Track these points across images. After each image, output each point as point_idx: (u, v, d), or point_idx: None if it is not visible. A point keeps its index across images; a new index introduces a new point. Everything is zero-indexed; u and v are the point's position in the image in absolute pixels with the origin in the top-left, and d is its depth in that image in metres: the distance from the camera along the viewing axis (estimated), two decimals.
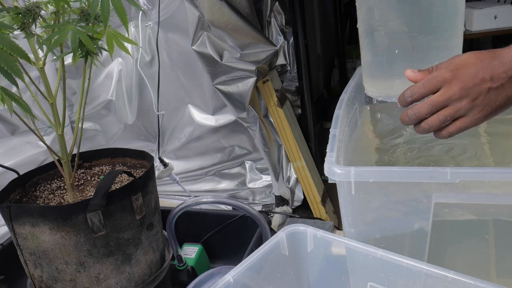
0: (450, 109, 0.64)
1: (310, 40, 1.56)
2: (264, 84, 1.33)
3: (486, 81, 0.62)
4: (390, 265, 0.62)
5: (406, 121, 0.68)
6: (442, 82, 0.64)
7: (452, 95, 0.63)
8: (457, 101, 0.63)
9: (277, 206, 1.48)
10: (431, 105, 0.65)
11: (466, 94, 0.63)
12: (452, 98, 0.63)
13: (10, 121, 1.45)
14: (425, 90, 0.66)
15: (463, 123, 0.65)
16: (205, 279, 0.98)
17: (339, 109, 0.90)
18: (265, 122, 1.39)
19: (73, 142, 0.92)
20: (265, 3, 1.40)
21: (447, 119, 0.65)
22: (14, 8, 0.75)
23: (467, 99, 0.63)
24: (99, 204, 0.82)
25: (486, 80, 0.62)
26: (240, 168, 1.60)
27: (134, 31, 1.48)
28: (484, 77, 0.62)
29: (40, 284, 0.89)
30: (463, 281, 0.56)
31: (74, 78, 1.55)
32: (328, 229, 1.21)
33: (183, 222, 1.05)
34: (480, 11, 1.77)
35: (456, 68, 0.64)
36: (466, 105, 0.63)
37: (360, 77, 1.11)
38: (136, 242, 0.91)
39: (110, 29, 0.81)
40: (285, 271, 0.71)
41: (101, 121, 1.65)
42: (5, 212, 0.84)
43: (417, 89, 0.66)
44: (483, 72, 0.62)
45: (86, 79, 0.85)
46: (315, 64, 1.99)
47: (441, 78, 0.64)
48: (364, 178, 0.71)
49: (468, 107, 0.63)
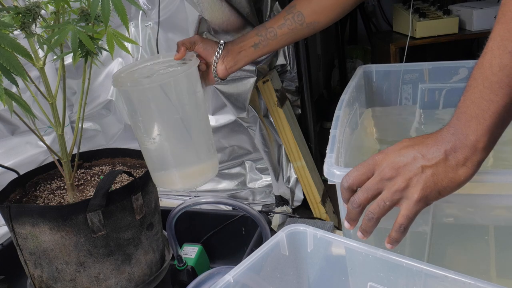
0: (386, 192, 0.60)
1: (310, 40, 1.56)
2: (264, 84, 1.33)
3: (417, 159, 0.59)
4: (390, 265, 0.62)
5: (353, 213, 0.64)
6: (373, 165, 0.62)
7: (383, 175, 0.60)
8: (390, 182, 0.60)
9: (277, 206, 1.48)
10: (365, 188, 0.62)
11: (397, 173, 0.59)
12: (384, 179, 0.60)
13: (10, 121, 1.45)
14: (359, 173, 0.63)
15: (407, 209, 0.60)
16: (205, 279, 0.98)
17: (339, 109, 0.90)
18: (265, 122, 1.39)
19: (73, 142, 0.92)
20: (265, 3, 1.40)
21: (386, 204, 0.61)
22: (14, 7, 0.75)
23: (400, 179, 0.59)
24: (99, 204, 0.82)
25: (418, 158, 0.59)
26: (240, 168, 1.60)
27: (134, 31, 1.48)
28: (415, 155, 0.59)
29: (40, 284, 0.89)
30: (463, 281, 0.56)
31: (74, 78, 1.55)
32: (328, 229, 1.21)
33: (183, 222, 1.05)
34: (480, 11, 1.77)
35: (387, 150, 0.62)
36: (401, 185, 0.59)
37: (360, 77, 1.11)
38: (136, 242, 0.91)
39: (110, 29, 0.81)
40: (285, 271, 0.71)
41: (101, 121, 1.65)
42: (5, 212, 0.84)
43: (351, 173, 0.63)
44: (414, 150, 0.59)
45: (86, 79, 0.85)
46: (315, 64, 1.99)
47: (372, 161, 0.62)
48: None
49: (403, 186, 0.59)
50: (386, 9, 2.44)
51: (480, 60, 0.58)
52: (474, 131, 0.57)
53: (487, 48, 0.57)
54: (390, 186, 0.60)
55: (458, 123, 0.59)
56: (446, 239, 0.79)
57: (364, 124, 1.11)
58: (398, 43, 1.87)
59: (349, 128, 0.96)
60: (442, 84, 1.09)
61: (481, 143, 0.58)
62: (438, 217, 0.75)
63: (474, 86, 0.58)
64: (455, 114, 0.60)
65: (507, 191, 0.69)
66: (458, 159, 0.58)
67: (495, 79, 0.55)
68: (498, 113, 0.56)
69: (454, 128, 0.59)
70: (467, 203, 0.74)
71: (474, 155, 0.58)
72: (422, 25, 1.80)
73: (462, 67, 1.07)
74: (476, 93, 0.57)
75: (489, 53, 0.57)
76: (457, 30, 1.82)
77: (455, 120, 0.59)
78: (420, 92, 1.12)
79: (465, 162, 0.58)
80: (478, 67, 0.58)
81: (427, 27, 1.80)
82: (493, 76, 0.55)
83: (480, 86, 0.57)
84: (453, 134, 0.59)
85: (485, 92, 0.56)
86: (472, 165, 0.58)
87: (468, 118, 0.58)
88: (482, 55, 0.58)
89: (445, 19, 1.82)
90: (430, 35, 1.81)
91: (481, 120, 0.57)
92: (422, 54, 2.01)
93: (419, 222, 0.75)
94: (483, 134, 0.57)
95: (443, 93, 1.10)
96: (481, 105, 0.57)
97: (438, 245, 0.78)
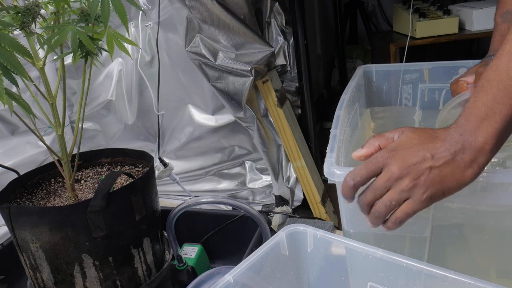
0: (392, 192, 0.59)
1: (310, 40, 1.56)
2: (263, 84, 1.33)
3: (427, 160, 0.58)
4: (390, 265, 0.62)
5: (364, 211, 0.63)
6: (382, 163, 0.61)
7: (391, 175, 0.59)
8: (398, 181, 0.59)
9: (277, 206, 1.48)
10: (372, 188, 0.61)
11: (406, 173, 0.59)
12: (392, 178, 0.59)
13: (10, 121, 1.45)
14: (367, 171, 0.61)
15: (409, 207, 0.59)
16: (205, 279, 0.98)
17: (340, 109, 0.90)
18: (263, 122, 1.39)
19: (73, 142, 0.92)
20: (265, 4, 1.40)
21: (392, 204, 0.60)
22: (13, 7, 0.75)
23: (408, 178, 0.58)
24: (100, 204, 0.82)
25: (428, 159, 0.58)
26: (240, 168, 1.60)
27: (134, 31, 1.48)
28: (425, 155, 0.58)
29: (40, 284, 0.89)
30: (463, 281, 0.56)
31: (74, 78, 1.55)
32: (328, 229, 1.21)
33: (183, 222, 1.05)
34: (480, 11, 1.77)
35: (396, 147, 0.61)
36: (408, 185, 0.58)
37: (360, 77, 1.11)
38: (136, 242, 0.91)
39: (110, 30, 0.81)
40: (285, 271, 0.71)
41: (101, 121, 1.65)
42: (5, 212, 0.84)
43: (358, 171, 0.62)
44: (424, 150, 0.59)
45: (86, 79, 0.85)
46: (315, 64, 1.99)
47: (381, 159, 0.61)
48: None
49: (410, 186, 0.58)
50: (386, 9, 2.44)
51: (495, 62, 0.58)
52: (484, 133, 0.57)
53: (504, 50, 0.57)
54: (397, 185, 0.60)
55: (467, 124, 0.58)
56: (446, 238, 0.79)
57: (364, 124, 1.11)
58: (398, 43, 1.87)
59: (350, 128, 0.96)
60: (442, 84, 1.09)
61: (489, 145, 0.57)
62: (438, 218, 0.75)
63: (488, 88, 0.57)
64: (463, 115, 0.59)
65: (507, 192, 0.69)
66: (466, 160, 0.58)
67: (511, 82, 0.55)
68: (509, 116, 0.56)
69: (462, 128, 0.59)
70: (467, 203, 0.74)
71: (481, 156, 0.58)
72: (422, 25, 1.80)
73: (462, 67, 1.07)
74: (489, 95, 0.57)
75: (506, 56, 0.56)
76: (457, 30, 1.82)
77: (464, 121, 0.59)
78: (420, 92, 1.12)
79: (471, 163, 0.58)
80: (493, 69, 0.58)
81: (427, 27, 1.80)
82: (509, 80, 0.56)
83: (494, 89, 0.57)
84: (462, 135, 0.58)
85: (499, 95, 0.56)
86: (478, 166, 0.58)
87: (478, 120, 0.57)
88: (498, 57, 0.58)
89: (445, 19, 1.82)
90: (430, 35, 1.81)
91: (492, 123, 0.57)
92: (422, 54, 2.01)
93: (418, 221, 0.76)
94: (492, 136, 0.57)
95: (443, 93, 1.10)
96: (494, 107, 0.56)
97: (438, 245, 0.78)
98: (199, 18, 1.23)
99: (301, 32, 1.37)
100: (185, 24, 1.27)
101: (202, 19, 1.23)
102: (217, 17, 1.22)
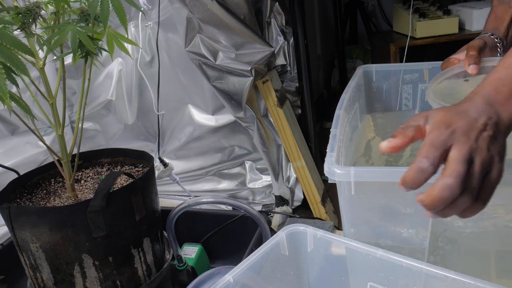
0: (482, 152, 0.53)
1: (310, 40, 1.56)
2: (263, 84, 1.33)
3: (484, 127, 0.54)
4: (390, 265, 0.62)
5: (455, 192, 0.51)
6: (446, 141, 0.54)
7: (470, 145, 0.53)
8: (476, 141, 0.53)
9: (277, 206, 1.48)
10: (459, 161, 0.52)
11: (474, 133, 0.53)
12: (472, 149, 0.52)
13: (10, 121, 1.45)
14: (438, 152, 0.54)
15: (493, 177, 0.54)
16: (205, 279, 0.98)
17: (340, 109, 0.90)
18: (263, 122, 1.39)
19: (73, 142, 0.92)
20: (265, 4, 1.40)
21: (485, 164, 0.53)
22: (14, 8, 0.75)
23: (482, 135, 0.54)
24: (100, 204, 0.82)
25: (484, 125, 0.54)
26: (240, 168, 1.60)
27: (134, 31, 1.48)
28: (483, 121, 0.54)
29: (40, 284, 0.89)
30: (463, 281, 0.56)
31: (74, 78, 1.55)
32: (328, 229, 1.22)
33: (183, 222, 1.05)
34: (480, 11, 1.77)
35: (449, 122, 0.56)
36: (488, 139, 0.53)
37: (360, 77, 1.11)
38: (136, 242, 0.91)
39: (110, 30, 0.81)
40: (285, 271, 0.71)
41: (101, 121, 1.65)
42: (5, 212, 0.84)
43: (430, 153, 0.54)
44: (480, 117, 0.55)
45: (86, 79, 0.85)
46: (315, 64, 1.99)
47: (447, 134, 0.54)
48: (364, 179, 0.71)
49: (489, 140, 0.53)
50: (386, 9, 2.44)
51: None
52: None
53: None
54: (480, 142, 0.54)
55: (497, 95, 0.57)
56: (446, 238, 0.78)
57: (364, 122, 1.11)
58: (398, 43, 1.87)
59: (350, 128, 0.96)
60: None
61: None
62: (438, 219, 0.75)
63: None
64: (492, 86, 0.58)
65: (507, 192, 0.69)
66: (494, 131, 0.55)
67: None
68: None
69: (492, 98, 0.57)
70: None
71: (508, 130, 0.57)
72: (422, 25, 1.80)
73: None
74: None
75: None
76: (457, 30, 1.82)
77: (494, 93, 0.57)
78: (420, 92, 1.12)
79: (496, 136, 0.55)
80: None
81: (427, 27, 1.80)
82: None
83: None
84: (492, 106, 0.57)
85: None
86: None
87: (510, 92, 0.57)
88: None
89: (445, 19, 1.82)
90: (430, 35, 1.81)
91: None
92: (422, 54, 2.01)
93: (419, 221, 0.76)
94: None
95: None
96: None
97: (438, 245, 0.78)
98: (199, 18, 1.23)
99: (301, 32, 1.37)
100: (185, 24, 1.28)
101: (202, 19, 1.23)
102: (217, 17, 1.22)
